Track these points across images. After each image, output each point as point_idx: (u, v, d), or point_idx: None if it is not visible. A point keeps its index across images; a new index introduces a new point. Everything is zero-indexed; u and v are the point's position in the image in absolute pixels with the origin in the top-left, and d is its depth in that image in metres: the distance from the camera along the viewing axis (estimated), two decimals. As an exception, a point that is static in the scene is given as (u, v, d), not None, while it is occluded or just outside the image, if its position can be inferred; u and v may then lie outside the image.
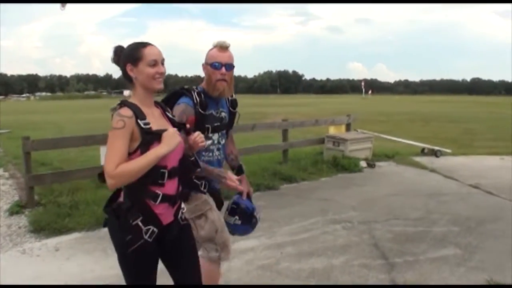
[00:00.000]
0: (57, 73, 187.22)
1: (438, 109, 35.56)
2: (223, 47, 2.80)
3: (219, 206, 2.95)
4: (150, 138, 2.13)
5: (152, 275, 2.30)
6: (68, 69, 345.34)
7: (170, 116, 2.39)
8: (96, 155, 6.73)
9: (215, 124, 2.87)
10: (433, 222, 5.56)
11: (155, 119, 2.23)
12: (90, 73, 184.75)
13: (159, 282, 2.33)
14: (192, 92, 2.78)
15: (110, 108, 2.19)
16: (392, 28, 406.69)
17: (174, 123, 2.35)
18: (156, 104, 2.36)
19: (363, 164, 9.18)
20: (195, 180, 2.71)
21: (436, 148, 11.14)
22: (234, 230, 3.04)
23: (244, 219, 3.01)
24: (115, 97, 78.26)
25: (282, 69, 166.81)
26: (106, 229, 2.27)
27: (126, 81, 2.26)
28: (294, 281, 3.88)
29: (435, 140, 13.88)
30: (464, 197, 6.96)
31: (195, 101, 2.75)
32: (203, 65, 2.86)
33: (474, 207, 6.35)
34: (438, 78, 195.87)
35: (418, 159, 10.28)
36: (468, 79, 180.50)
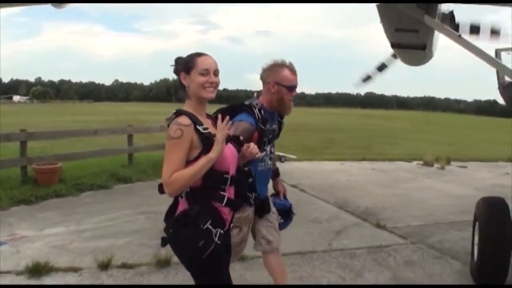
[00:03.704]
0: None
1: (317, 121, 38.16)
2: (294, 71, 3.07)
3: (267, 212, 3.21)
4: (211, 142, 2.16)
5: (229, 275, 2.36)
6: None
7: None
8: None
9: (270, 137, 3.10)
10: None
11: (209, 127, 2.27)
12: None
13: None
14: (254, 109, 2.94)
15: (165, 118, 2.27)
16: (292, 41, 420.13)
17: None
18: (207, 115, 2.41)
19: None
20: (247, 193, 2.85)
21: (282, 154, 12.33)
22: (279, 227, 3.37)
23: (284, 217, 3.40)
24: (3, 103, 74.33)
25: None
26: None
27: (181, 90, 2.31)
28: (77, 255, 4.69)
29: (293, 147, 15.06)
30: (275, 193, 8.12)
31: (257, 118, 2.92)
32: (271, 83, 3.02)
33: (276, 201, 7.51)
34: (333, 91, 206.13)
35: (261, 163, 11.40)
36: (362, 93, 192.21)
